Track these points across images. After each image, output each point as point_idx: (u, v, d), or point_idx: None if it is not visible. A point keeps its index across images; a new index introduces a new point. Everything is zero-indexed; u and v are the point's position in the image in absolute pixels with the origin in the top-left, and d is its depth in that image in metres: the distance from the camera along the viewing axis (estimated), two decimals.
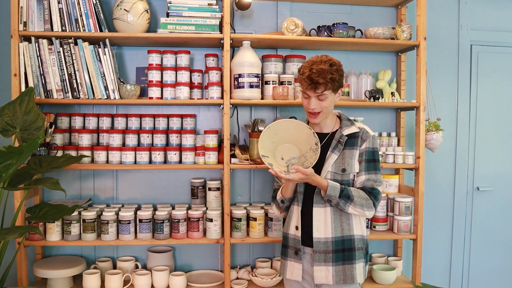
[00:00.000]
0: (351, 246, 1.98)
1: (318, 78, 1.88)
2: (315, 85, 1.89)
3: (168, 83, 2.61)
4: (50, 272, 2.50)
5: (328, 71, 1.89)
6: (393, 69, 3.00)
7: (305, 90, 1.94)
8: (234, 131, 2.88)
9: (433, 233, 3.15)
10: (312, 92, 1.92)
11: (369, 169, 1.99)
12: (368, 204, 1.94)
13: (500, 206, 3.26)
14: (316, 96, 1.93)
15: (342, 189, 1.92)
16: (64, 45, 2.50)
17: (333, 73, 1.90)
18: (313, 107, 1.94)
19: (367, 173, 1.99)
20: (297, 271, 2.02)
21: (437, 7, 3.09)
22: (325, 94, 1.92)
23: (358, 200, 1.93)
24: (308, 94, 1.94)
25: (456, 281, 3.23)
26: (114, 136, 2.61)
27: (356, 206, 1.93)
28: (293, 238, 2.03)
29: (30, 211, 2.31)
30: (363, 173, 1.99)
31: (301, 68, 1.96)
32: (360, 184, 1.99)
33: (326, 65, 1.91)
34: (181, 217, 2.56)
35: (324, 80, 1.88)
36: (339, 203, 1.92)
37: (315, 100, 1.94)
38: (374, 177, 1.99)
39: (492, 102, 3.22)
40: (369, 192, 1.96)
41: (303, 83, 1.93)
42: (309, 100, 1.95)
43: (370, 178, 1.98)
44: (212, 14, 2.56)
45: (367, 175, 1.99)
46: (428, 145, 2.79)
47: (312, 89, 1.91)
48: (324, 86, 1.90)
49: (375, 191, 1.97)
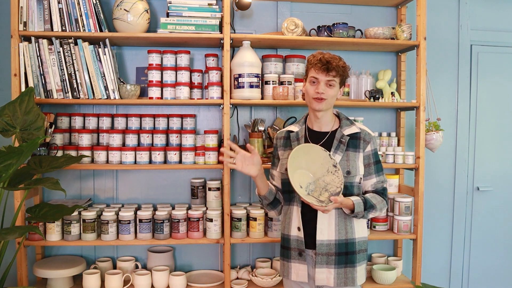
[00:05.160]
0: (354, 249, 1.98)
1: (332, 61, 1.92)
2: (328, 66, 1.91)
3: (168, 83, 2.61)
4: (50, 272, 2.50)
5: (340, 59, 1.96)
6: (393, 69, 3.00)
7: (317, 73, 1.94)
8: (234, 131, 2.88)
9: (433, 233, 3.15)
10: (324, 75, 1.93)
11: (378, 171, 2.04)
12: (384, 206, 2.02)
13: (500, 206, 3.26)
14: (326, 81, 1.94)
15: (365, 202, 1.94)
16: (64, 45, 2.50)
17: (344, 64, 1.97)
18: (321, 91, 1.94)
19: (378, 176, 2.03)
20: (302, 272, 2.01)
21: (437, 7, 3.09)
22: (335, 81, 1.95)
23: (378, 205, 1.99)
24: (318, 78, 1.94)
25: (456, 281, 3.23)
26: (114, 136, 2.61)
27: (377, 212, 1.99)
28: (296, 240, 2.02)
29: (30, 211, 2.30)
30: (374, 176, 2.02)
31: (311, 56, 1.99)
32: (372, 186, 2.03)
33: (336, 56, 1.98)
34: (181, 217, 2.56)
35: (337, 65, 1.93)
36: (364, 215, 1.96)
37: (324, 85, 1.94)
38: (383, 178, 2.05)
39: (492, 102, 3.22)
40: (381, 193, 2.03)
41: (315, 65, 1.94)
42: (317, 85, 1.95)
43: (380, 180, 2.04)
44: (212, 14, 2.57)
45: (377, 177, 2.03)
46: (428, 145, 2.79)
47: (324, 71, 1.92)
48: (335, 71, 1.93)
49: (385, 191, 2.06)
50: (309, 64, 1.99)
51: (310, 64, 1.98)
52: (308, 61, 2.00)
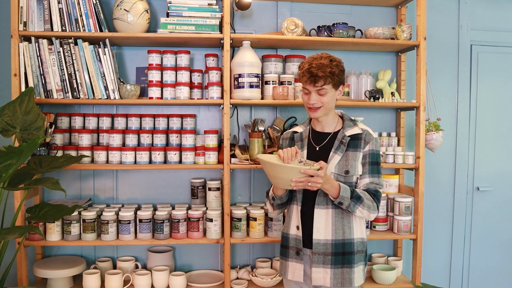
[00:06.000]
0: (351, 249, 1.97)
1: (318, 71, 1.89)
2: (314, 78, 1.90)
3: (168, 83, 2.61)
4: (50, 272, 2.50)
5: (328, 65, 1.91)
6: (393, 69, 3.00)
7: (305, 84, 1.94)
8: (234, 131, 2.88)
9: (433, 233, 3.15)
10: (312, 86, 1.93)
11: (373, 172, 1.99)
12: (373, 207, 1.94)
13: (500, 206, 3.26)
14: (316, 91, 1.93)
15: (352, 191, 1.90)
16: (64, 45, 2.50)
17: (333, 67, 1.91)
18: (313, 102, 1.94)
19: (371, 176, 1.98)
20: (298, 271, 2.01)
21: (437, 7, 3.09)
22: (325, 89, 1.92)
23: (366, 202, 1.92)
24: (308, 89, 1.94)
25: (456, 281, 3.23)
26: (114, 136, 2.61)
27: (364, 208, 1.92)
28: (294, 238, 2.02)
29: (30, 211, 2.30)
30: (367, 176, 1.98)
31: (301, 64, 1.98)
32: (364, 186, 1.98)
33: (326, 60, 1.92)
34: (181, 217, 2.56)
35: (324, 73, 1.89)
36: (350, 205, 1.89)
37: (315, 95, 1.94)
38: (377, 180, 1.99)
39: (492, 102, 3.22)
40: (373, 195, 1.95)
41: (303, 77, 1.94)
42: (309, 96, 1.95)
43: (374, 181, 1.98)
44: (212, 14, 2.56)
45: (371, 178, 1.98)
46: (428, 145, 2.79)
47: (311, 82, 1.92)
48: (323, 80, 1.90)
49: (378, 194, 1.97)
50: (299, 71, 1.98)
51: (300, 71, 1.97)
52: (299, 69, 1.99)
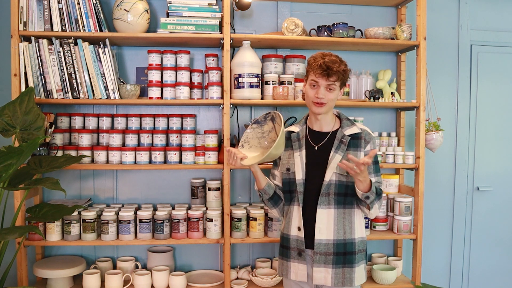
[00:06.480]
0: (352, 249, 1.98)
1: (333, 66, 1.91)
2: (328, 72, 1.91)
3: (168, 83, 2.61)
4: (50, 272, 2.50)
5: (340, 63, 1.94)
6: (393, 69, 3.00)
7: (317, 77, 1.94)
8: (234, 131, 2.88)
9: (433, 233, 3.15)
10: (324, 80, 1.93)
11: (376, 171, 2.02)
12: (380, 205, 1.99)
13: (500, 206, 3.26)
14: (326, 86, 1.94)
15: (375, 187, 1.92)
16: (64, 45, 2.50)
17: (344, 66, 1.95)
18: (321, 96, 1.94)
19: (376, 175, 2.02)
20: (301, 272, 2.01)
21: (437, 7, 3.09)
22: (335, 85, 1.95)
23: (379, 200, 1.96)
24: (319, 83, 1.94)
25: (456, 281, 3.23)
26: (114, 136, 2.61)
27: (379, 205, 1.96)
28: (296, 239, 2.02)
29: (30, 211, 2.30)
30: (372, 175, 2.01)
31: (312, 58, 1.97)
32: None
33: (337, 58, 1.96)
34: (181, 217, 2.56)
35: (338, 69, 1.92)
36: (374, 200, 1.91)
37: (324, 90, 1.95)
38: (380, 179, 2.04)
39: (492, 102, 3.22)
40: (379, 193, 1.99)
41: (317, 69, 1.93)
42: (317, 90, 1.95)
43: (377, 180, 2.02)
44: (212, 14, 2.56)
45: (376, 177, 2.02)
46: (428, 145, 2.79)
47: (325, 76, 1.92)
48: (336, 76, 1.92)
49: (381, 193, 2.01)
50: (309, 67, 1.98)
51: (310, 67, 1.97)
52: (308, 64, 1.99)
